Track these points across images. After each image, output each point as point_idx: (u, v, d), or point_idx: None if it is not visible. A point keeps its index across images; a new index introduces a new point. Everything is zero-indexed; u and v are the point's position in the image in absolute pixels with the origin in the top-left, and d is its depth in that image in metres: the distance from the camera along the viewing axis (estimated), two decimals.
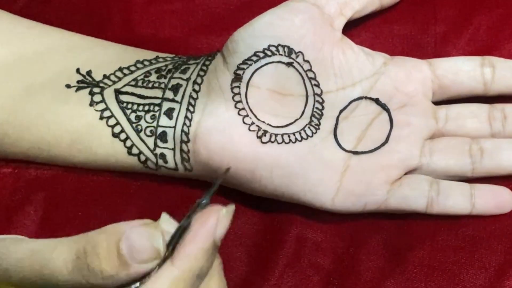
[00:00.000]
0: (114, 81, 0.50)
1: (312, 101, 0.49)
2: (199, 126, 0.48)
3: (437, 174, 0.50)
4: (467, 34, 0.53)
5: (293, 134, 0.49)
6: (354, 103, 0.50)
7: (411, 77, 0.50)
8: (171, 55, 0.52)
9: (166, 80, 0.49)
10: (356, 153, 0.49)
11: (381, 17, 0.54)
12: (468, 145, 0.50)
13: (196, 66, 0.50)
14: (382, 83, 0.50)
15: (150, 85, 0.49)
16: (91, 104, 0.49)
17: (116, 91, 0.49)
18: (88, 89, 0.49)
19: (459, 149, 0.50)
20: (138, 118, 0.49)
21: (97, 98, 0.49)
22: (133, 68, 0.50)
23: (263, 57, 0.48)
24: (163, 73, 0.50)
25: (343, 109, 0.50)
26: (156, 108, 0.49)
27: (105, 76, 0.50)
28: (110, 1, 0.55)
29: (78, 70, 0.50)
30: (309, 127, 0.49)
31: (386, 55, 0.51)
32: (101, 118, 0.49)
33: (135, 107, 0.49)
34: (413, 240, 0.50)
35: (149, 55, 0.51)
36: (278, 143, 0.48)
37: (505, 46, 0.53)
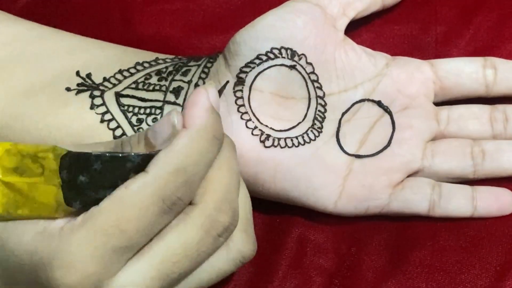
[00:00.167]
0: (114, 84, 0.49)
1: (315, 104, 0.49)
2: None
3: (439, 177, 0.50)
4: (468, 34, 0.53)
5: (296, 138, 0.48)
6: (356, 106, 0.50)
7: (413, 79, 0.50)
8: (171, 56, 0.51)
9: (167, 83, 0.49)
10: (359, 157, 0.49)
11: (382, 17, 0.54)
12: (470, 147, 0.50)
13: (197, 69, 0.49)
14: (384, 85, 0.50)
15: (151, 88, 0.49)
16: (92, 107, 0.49)
17: (117, 94, 0.49)
18: (89, 92, 0.49)
19: (461, 151, 0.50)
20: (140, 121, 0.49)
21: (98, 101, 0.49)
22: (133, 71, 0.50)
23: (266, 60, 0.48)
24: (164, 76, 0.50)
25: (346, 112, 0.50)
26: (158, 111, 0.49)
27: (105, 79, 0.49)
28: (110, 1, 0.55)
29: (78, 73, 0.49)
30: (312, 130, 0.49)
31: (388, 56, 0.51)
32: (102, 121, 0.49)
33: (136, 110, 0.49)
34: (414, 241, 0.50)
35: (149, 57, 0.51)
36: (281, 147, 0.48)
37: (506, 46, 0.53)
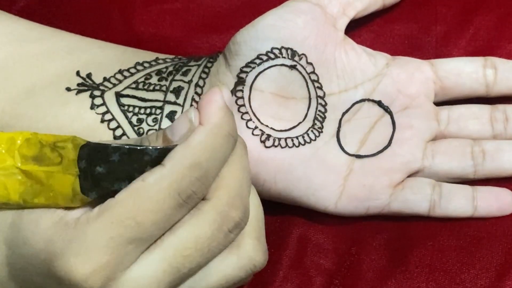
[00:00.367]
0: (115, 84, 0.49)
1: (315, 104, 0.49)
2: None
3: (439, 177, 0.50)
4: (468, 34, 0.53)
5: (296, 138, 0.48)
6: (357, 106, 0.50)
7: (413, 79, 0.50)
8: (171, 56, 0.51)
9: (168, 83, 0.49)
10: (359, 157, 0.49)
11: (382, 17, 0.54)
12: (470, 147, 0.50)
13: (198, 68, 0.49)
14: (385, 85, 0.50)
15: (151, 88, 0.49)
16: (92, 107, 0.49)
17: (117, 94, 0.49)
18: (89, 92, 0.49)
19: (461, 151, 0.50)
20: (140, 121, 0.49)
21: (98, 101, 0.49)
22: (133, 71, 0.50)
23: (266, 60, 0.48)
24: (164, 75, 0.49)
25: (346, 112, 0.50)
26: (158, 111, 0.48)
27: (105, 79, 0.49)
28: (110, 1, 0.55)
29: (78, 73, 0.49)
30: (312, 131, 0.49)
31: (388, 56, 0.51)
32: (102, 121, 0.48)
33: (137, 110, 0.49)
34: (414, 240, 0.50)
35: (149, 57, 0.51)
36: (282, 147, 0.48)
37: (506, 46, 0.53)
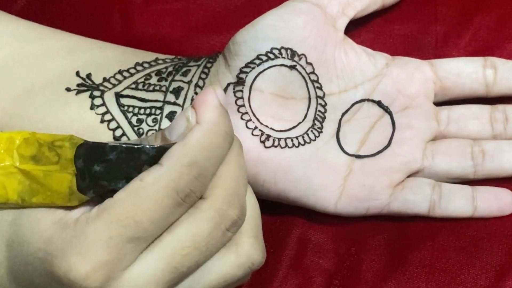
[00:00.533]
0: (114, 84, 0.49)
1: (315, 104, 0.49)
2: None
3: (439, 177, 0.50)
4: (468, 34, 0.53)
5: (296, 138, 0.48)
6: (356, 106, 0.50)
7: (413, 79, 0.50)
8: (171, 57, 0.51)
9: (167, 83, 0.49)
10: (359, 157, 0.49)
11: (382, 17, 0.54)
12: (470, 147, 0.50)
13: (197, 69, 0.49)
14: (384, 85, 0.50)
15: (151, 88, 0.49)
16: (92, 108, 0.49)
17: (117, 94, 0.49)
18: (89, 93, 0.49)
19: (461, 151, 0.50)
20: (140, 122, 0.49)
21: (98, 102, 0.49)
22: (133, 71, 0.50)
23: (266, 60, 0.48)
24: (164, 76, 0.50)
25: (346, 112, 0.50)
26: (158, 112, 0.49)
27: (105, 79, 0.49)
28: (110, 1, 0.55)
29: (78, 73, 0.49)
30: (312, 131, 0.49)
31: (388, 56, 0.51)
32: (102, 122, 0.48)
33: (136, 111, 0.49)
34: (414, 241, 0.50)
35: (149, 57, 0.51)
36: (281, 148, 0.48)
37: (506, 46, 0.53)
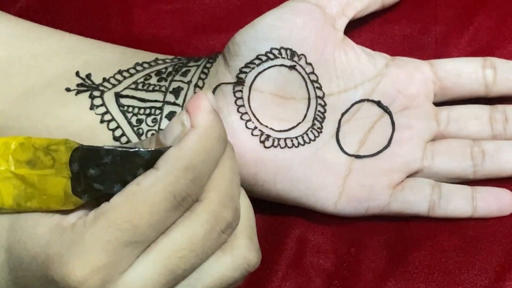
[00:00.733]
0: (114, 84, 0.49)
1: (315, 104, 0.49)
2: None
3: (439, 177, 0.50)
4: (468, 35, 0.53)
5: (296, 138, 0.48)
6: (356, 106, 0.50)
7: (413, 79, 0.50)
8: (171, 57, 0.51)
9: (167, 83, 0.49)
10: (359, 157, 0.49)
11: (382, 17, 0.54)
12: (470, 147, 0.50)
13: (197, 69, 0.49)
14: (384, 85, 0.50)
15: (151, 88, 0.49)
16: (92, 108, 0.49)
17: (117, 95, 0.49)
18: (88, 93, 0.49)
19: (461, 152, 0.50)
20: (139, 122, 0.49)
21: (97, 102, 0.49)
22: (133, 71, 0.50)
23: (266, 61, 0.48)
24: (163, 76, 0.49)
25: (345, 112, 0.49)
26: (158, 112, 0.49)
27: (105, 79, 0.49)
28: (110, 1, 0.55)
29: (78, 73, 0.49)
30: (312, 131, 0.49)
31: (387, 56, 0.51)
32: (102, 122, 0.48)
33: (136, 111, 0.49)
34: (414, 241, 0.50)
35: (148, 57, 0.51)
36: (281, 148, 0.48)
37: (506, 47, 0.53)
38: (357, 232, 0.51)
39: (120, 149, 0.40)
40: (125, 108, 0.49)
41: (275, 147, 0.48)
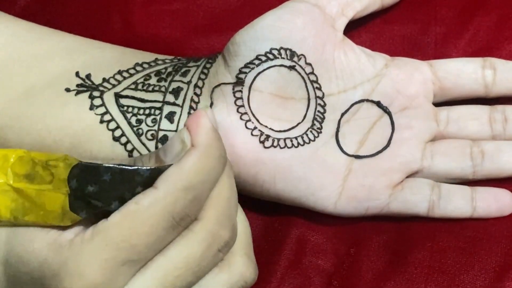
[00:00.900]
0: (114, 85, 0.49)
1: (314, 105, 0.49)
2: None
3: (438, 177, 0.50)
4: (467, 35, 0.53)
5: (296, 138, 0.49)
6: (356, 106, 0.50)
7: (413, 79, 0.50)
8: (170, 57, 0.51)
9: (167, 84, 0.49)
10: (358, 157, 0.49)
11: (381, 18, 0.54)
12: (469, 148, 0.50)
13: (197, 69, 0.49)
14: (384, 86, 0.50)
15: (151, 89, 0.49)
16: (91, 108, 0.49)
17: (116, 95, 0.49)
18: (88, 93, 0.49)
19: (460, 152, 0.50)
20: (139, 122, 0.49)
21: (97, 102, 0.49)
22: (133, 71, 0.50)
23: (265, 61, 0.48)
24: (163, 76, 0.50)
25: (345, 112, 0.50)
26: (157, 112, 0.49)
27: (105, 80, 0.49)
28: (110, 1, 0.55)
29: (78, 74, 0.49)
30: (311, 131, 0.49)
31: (387, 56, 0.51)
32: (101, 122, 0.48)
33: (136, 111, 0.49)
34: (413, 242, 0.50)
35: (148, 57, 0.51)
36: (281, 148, 0.48)
37: (506, 47, 0.53)
38: (357, 232, 0.51)
39: (119, 167, 0.40)
40: (125, 108, 0.49)
41: (275, 147, 0.48)
